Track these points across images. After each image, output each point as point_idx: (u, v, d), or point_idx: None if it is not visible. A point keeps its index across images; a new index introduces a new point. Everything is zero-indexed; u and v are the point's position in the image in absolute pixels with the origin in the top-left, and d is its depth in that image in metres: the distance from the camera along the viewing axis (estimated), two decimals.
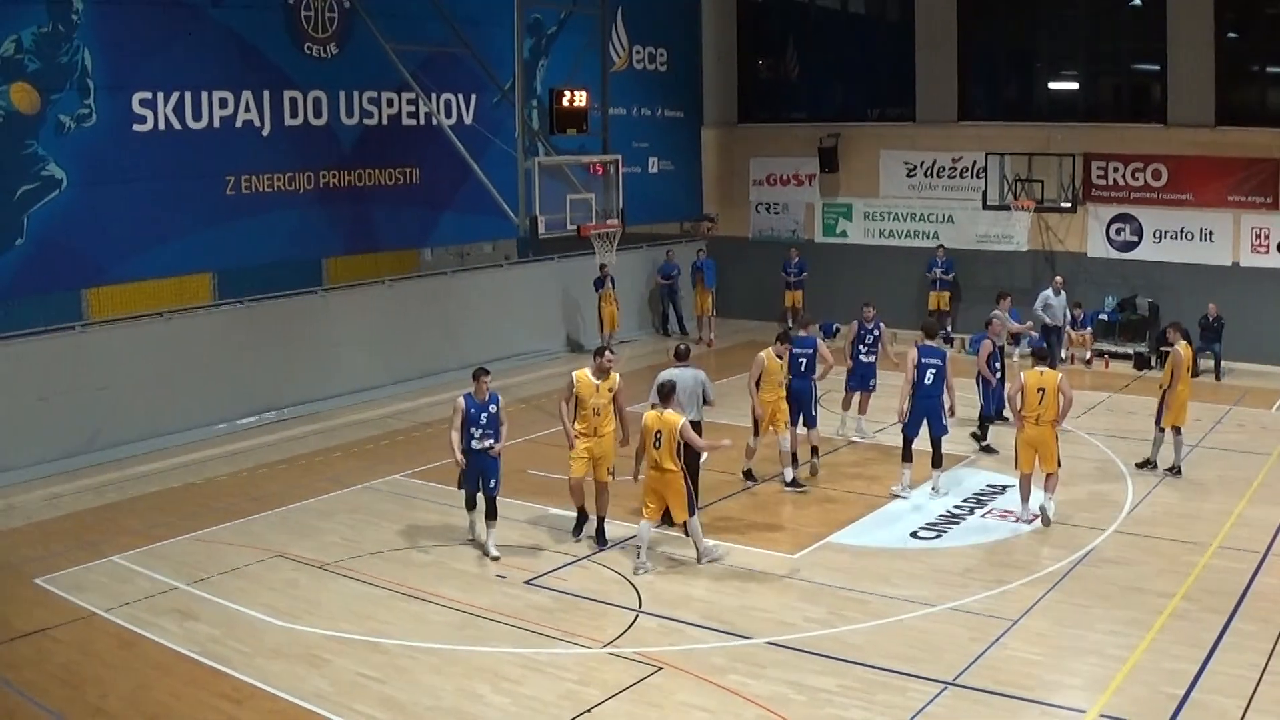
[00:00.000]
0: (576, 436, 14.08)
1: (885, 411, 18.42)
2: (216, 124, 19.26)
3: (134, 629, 12.04)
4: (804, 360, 16.79)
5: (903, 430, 16.08)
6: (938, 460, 16.07)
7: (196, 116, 18.97)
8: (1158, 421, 16.87)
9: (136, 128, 18.26)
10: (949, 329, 26.32)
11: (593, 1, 22.24)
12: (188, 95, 18.82)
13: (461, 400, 13.74)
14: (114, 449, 18.40)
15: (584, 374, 14.18)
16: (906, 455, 15.98)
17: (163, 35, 18.51)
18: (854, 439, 19.00)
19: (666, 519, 13.67)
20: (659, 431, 13.21)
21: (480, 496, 14.01)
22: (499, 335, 24.94)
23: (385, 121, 21.97)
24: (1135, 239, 25.44)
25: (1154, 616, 11.90)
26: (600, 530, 14.40)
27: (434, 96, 21.93)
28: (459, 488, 14.19)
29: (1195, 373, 22.39)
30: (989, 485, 16.49)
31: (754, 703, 10.33)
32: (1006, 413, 17.17)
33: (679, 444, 13.18)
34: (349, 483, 17.15)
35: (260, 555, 14.15)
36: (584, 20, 22.99)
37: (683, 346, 15.60)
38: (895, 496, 15.94)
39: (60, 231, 17.41)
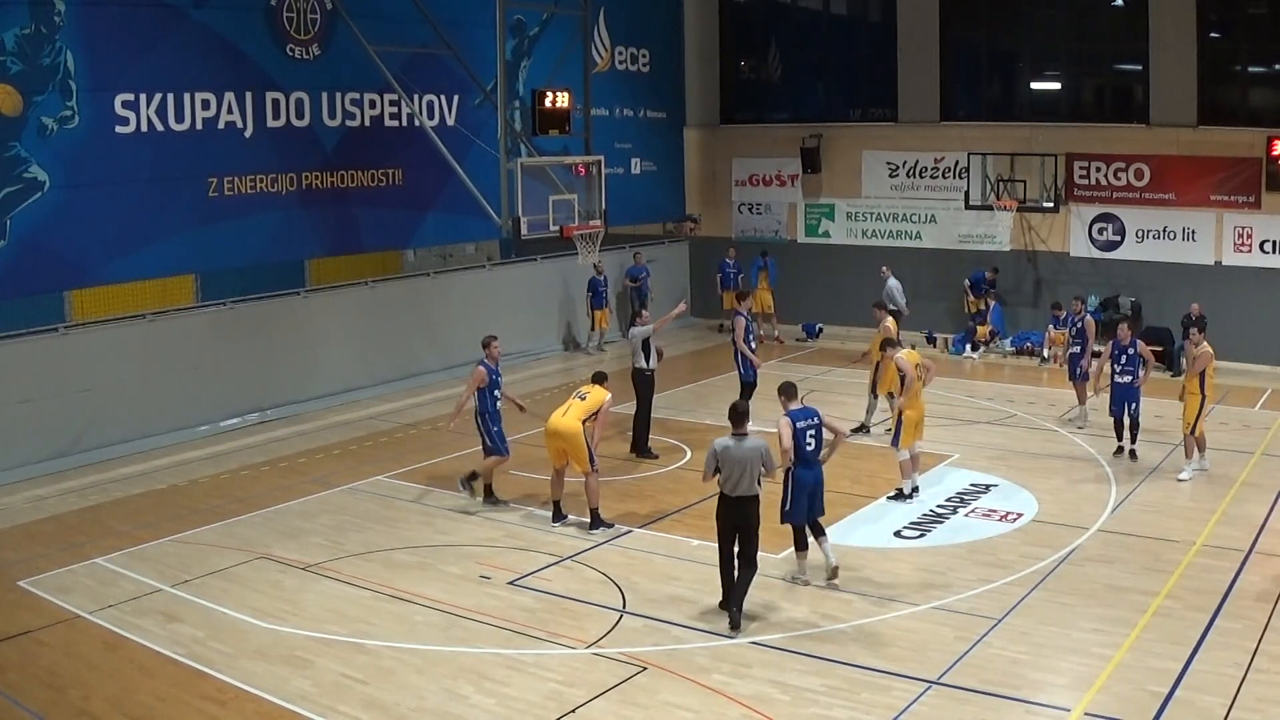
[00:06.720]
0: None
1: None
2: (199, 125, 19.22)
3: (118, 631, 12.02)
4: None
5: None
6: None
7: (179, 118, 18.92)
8: (873, 389, 18.92)
9: (119, 129, 18.21)
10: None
11: (575, 2, 22.27)
12: (170, 97, 18.78)
13: None
14: (97, 451, 18.38)
15: None
16: None
17: (145, 37, 18.46)
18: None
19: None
20: None
21: None
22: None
23: (368, 123, 21.93)
24: (1118, 238, 25.51)
25: (1138, 615, 11.94)
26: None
27: (416, 98, 21.90)
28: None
29: (1177, 371, 22.61)
30: (972, 485, 16.53)
31: (738, 702, 10.34)
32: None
33: None
34: (332, 484, 17.13)
35: (244, 557, 14.12)
36: (566, 21, 23.04)
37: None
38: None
39: (43, 233, 17.35)
